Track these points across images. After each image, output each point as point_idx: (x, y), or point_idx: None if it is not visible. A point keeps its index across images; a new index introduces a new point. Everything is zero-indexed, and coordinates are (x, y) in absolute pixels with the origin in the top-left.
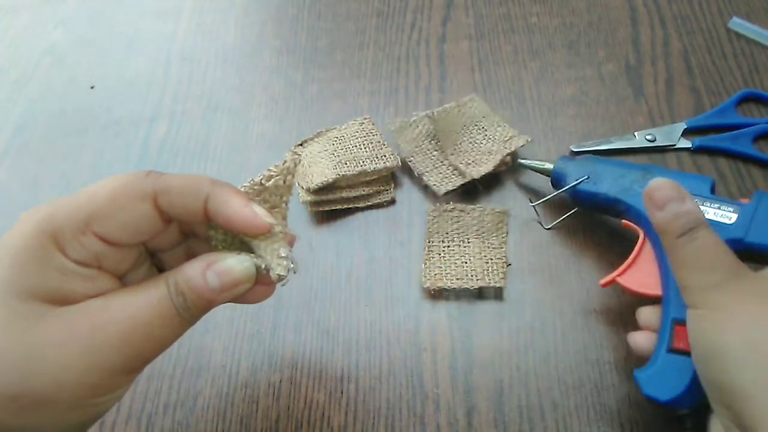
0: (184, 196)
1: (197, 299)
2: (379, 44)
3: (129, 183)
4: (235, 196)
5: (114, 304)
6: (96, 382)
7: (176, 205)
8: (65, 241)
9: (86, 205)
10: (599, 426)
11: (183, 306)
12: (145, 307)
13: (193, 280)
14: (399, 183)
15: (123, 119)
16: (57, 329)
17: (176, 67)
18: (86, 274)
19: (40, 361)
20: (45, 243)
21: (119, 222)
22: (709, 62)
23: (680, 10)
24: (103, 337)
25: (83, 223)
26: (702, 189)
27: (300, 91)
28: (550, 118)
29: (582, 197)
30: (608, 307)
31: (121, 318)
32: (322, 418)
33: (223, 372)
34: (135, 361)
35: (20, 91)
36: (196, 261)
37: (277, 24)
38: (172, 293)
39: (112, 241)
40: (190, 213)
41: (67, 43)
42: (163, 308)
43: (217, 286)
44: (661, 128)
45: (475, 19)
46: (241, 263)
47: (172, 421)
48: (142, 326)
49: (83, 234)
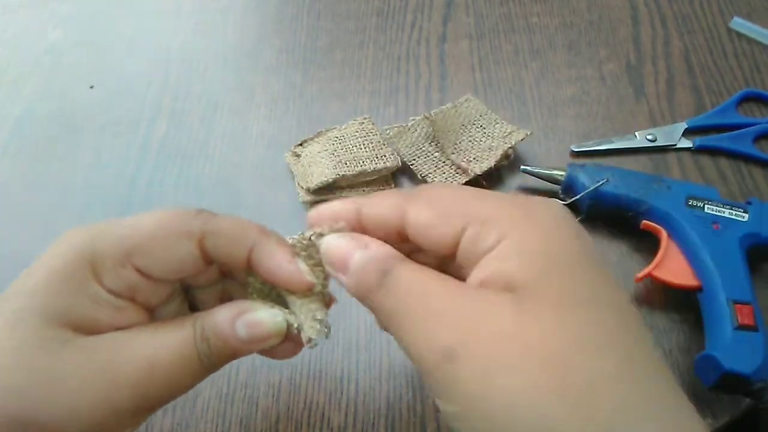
0: (230, 241)
1: (222, 347)
2: (379, 44)
3: (177, 219)
4: (280, 250)
5: (137, 340)
6: (108, 417)
7: (221, 249)
8: (104, 270)
9: (129, 236)
10: None
11: (206, 352)
12: (166, 349)
13: (221, 326)
14: (399, 183)
15: (122, 119)
16: (77, 359)
17: (176, 67)
18: (118, 304)
19: (56, 391)
20: (83, 269)
21: (161, 258)
22: (710, 62)
23: (681, 9)
24: (121, 374)
25: (125, 254)
26: (712, 194)
27: (300, 90)
28: (550, 118)
29: (603, 199)
30: None
31: (140, 357)
32: (321, 418)
33: (222, 372)
34: (147, 403)
35: (19, 90)
36: (226, 307)
37: (276, 24)
38: (197, 338)
39: (150, 276)
40: (233, 259)
41: (66, 43)
42: (185, 352)
43: (245, 337)
44: (662, 128)
45: (476, 19)
46: (273, 317)
47: (171, 421)
48: (160, 368)
49: (123, 266)
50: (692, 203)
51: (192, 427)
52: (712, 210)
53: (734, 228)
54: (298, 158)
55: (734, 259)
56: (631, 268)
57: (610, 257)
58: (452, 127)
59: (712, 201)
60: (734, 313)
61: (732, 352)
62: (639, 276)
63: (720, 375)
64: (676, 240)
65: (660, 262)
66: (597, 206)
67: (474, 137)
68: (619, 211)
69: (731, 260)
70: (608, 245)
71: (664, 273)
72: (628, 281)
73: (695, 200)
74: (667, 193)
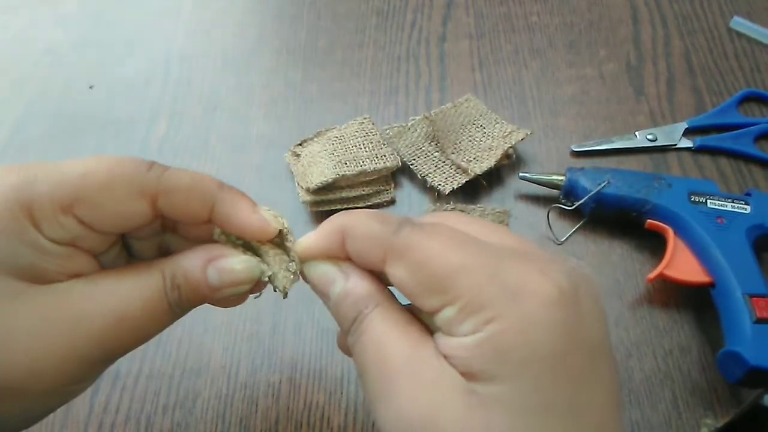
0: (189, 199)
1: (192, 294)
2: (379, 43)
3: (129, 172)
4: (243, 202)
5: (99, 291)
6: (73, 372)
7: (179, 207)
8: (42, 217)
9: (75, 184)
10: None
11: (176, 300)
12: (135, 299)
13: (192, 273)
14: (399, 183)
15: (122, 119)
16: (34, 314)
17: (176, 66)
18: (61, 252)
19: (14, 350)
20: (18, 215)
21: (109, 213)
22: (711, 62)
23: (681, 9)
24: (86, 328)
25: (67, 202)
26: (711, 188)
27: (300, 90)
28: (550, 118)
29: (606, 201)
30: (608, 307)
31: (107, 309)
32: (321, 418)
33: (222, 373)
34: (116, 352)
35: (19, 90)
36: (195, 253)
37: (276, 24)
38: (168, 286)
39: (93, 228)
40: (192, 216)
41: (66, 43)
42: (155, 302)
43: (216, 283)
44: (663, 128)
45: (476, 19)
46: (246, 264)
47: (171, 421)
48: (129, 320)
49: (64, 214)
50: (695, 199)
51: (191, 427)
52: (715, 205)
53: (739, 221)
54: (298, 158)
55: (743, 253)
56: (637, 268)
57: (613, 258)
58: (452, 127)
59: (714, 195)
60: (751, 307)
61: (755, 347)
62: (651, 276)
63: (746, 371)
64: (683, 237)
65: (669, 260)
66: (600, 209)
67: (474, 137)
68: (623, 212)
69: (741, 254)
70: (611, 247)
71: (675, 271)
72: (635, 282)
73: (697, 196)
74: (669, 191)
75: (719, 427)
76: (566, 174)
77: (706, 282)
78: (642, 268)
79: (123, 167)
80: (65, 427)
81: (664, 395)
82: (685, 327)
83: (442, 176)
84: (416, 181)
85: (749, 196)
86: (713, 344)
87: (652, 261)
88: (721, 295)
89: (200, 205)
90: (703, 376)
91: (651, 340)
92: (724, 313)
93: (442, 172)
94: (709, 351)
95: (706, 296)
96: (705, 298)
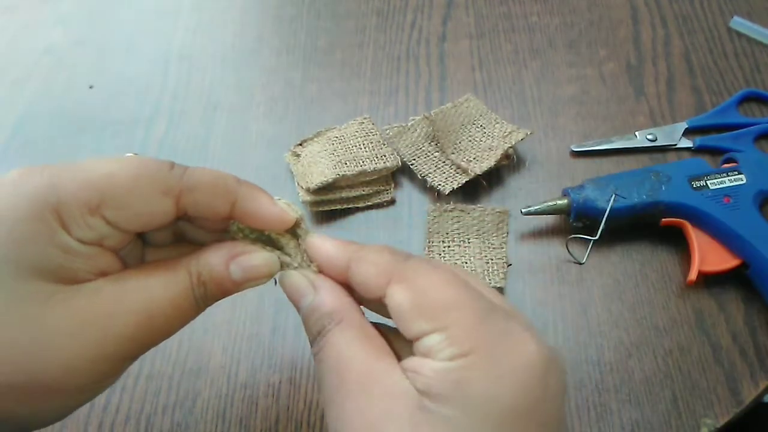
0: (211, 196)
1: (216, 289)
2: (379, 43)
3: (153, 173)
4: (262, 196)
5: (128, 291)
6: (106, 369)
7: (201, 204)
8: (70, 218)
9: (100, 185)
10: (600, 426)
11: (202, 295)
12: (164, 297)
13: (217, 270)
14: (399, 183)
15: (122, 119)
16: (67, 316)
17: (175, 66)
18: (88, 252)
19: (51, 350)
20: (47, 217)
21: (136, 213)
22: (711, 62)
23: (681, 9)
24: (118, 326)
25: (95, 203)
26: (703, 166)
27: (299, 90)
28: (550, 118)
29: (620, 214)
30: (609, 308)
31: (137, 308)
32: (321, 418)
33: (222, 373)
34: (144, 348)
35: (19, 90)
36: (218, 250)
37: (276, 24)
38: (194, 282)
39: (119, 227)
40: (213, 212)
41: (66, 43)
42: (183, 298)
43: (239, 278)
44: (663, 128)
45: (476, 18)
46: (268, 260)
47: (171, 421)
48: (158, 317)
49: (91, 215)
50: (696, 185)
51: (191, 427)
52: (715, 185)
53: (742, 194)
54: (298, 158)
55: (759, 224)
56: (661, 269)
57: (634, 266)
58: (452, 127)
59: (710, 175)
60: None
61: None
62: (692, 277)
63: None
64: (701, 227)
65: (697, 255)
66: (614, 222)
67: (474, 137)
68: (637, 219)
69: (758, 226)
70: (628, 254)
71: (708, 264)
72: (666, 284)
73: (696, 180)
74: (671, 184)
75: (719, 426)
76: (569, 195)
77: (738, 264)
78: (666, 267)
79: (147, 167)
80: (65, 427)
81: (663, 395)
82: (685, 327)
83: (442, 176)
84: (416, 181)
85: (737, 163)
86: (696, 349)
87: (673, 256)
88: (759, 272)
89: (222, 202)
90: (703, 376)
91: (651, 340)
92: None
93: (442, 172)
94: (709, 351)
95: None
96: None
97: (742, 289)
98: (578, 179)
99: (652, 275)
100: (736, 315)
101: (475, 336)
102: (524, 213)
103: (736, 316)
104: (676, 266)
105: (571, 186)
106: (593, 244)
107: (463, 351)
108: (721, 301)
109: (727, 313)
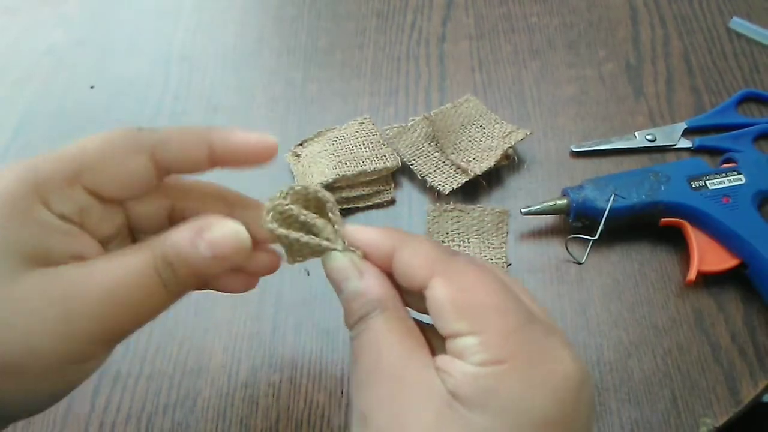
0: (185, 144)
1: (186, 270)
2: (379, 44)
3: (123, 135)
4: (235, 129)
5: (94, 270)
6: (71, 350)
7: (177, 155)
8: (50, 191)
9: (76, 156)
10: (599, 426)
11: (170, 276)
12: (124, 277)
13: (180, 246)
14: (399, 183)
15: (123, 119)
16: (31, 293)
17: (176, 67)
18: (68, 230)
19: (11, 327)
20: (27, 194)
21: (112, 174)
22: (710, 62)
23: (680, 9)
24: (81, 305)
25: (73, 173)
26: (702, 166)
27: (300, 91)
28: (550, 118)
29: (619, 214)
30: (608, 308)
31: (99, 286)
32: (322, 418)
33: (222, 372)
34: (113, 332)
35: (20, 91)
36: (183, 227)
37: (276, 24)
38: (158, 263)
39: (102, 195)
40: (192, 162)
41: (66, 43)
42: (146, 278)
43: (208, 254)
44: (662, 128)
45: (475, 19)
46: (234, 230)
47: (171, 421)
48: (121, 297)
49: (71, 185)
50: (695, 185)
51: (192, 426)
52: (714, 185)
53: (741, 195)
54: (298, 158)
55: (758, 223)
56: (660, 269)
57: (633, 266)
58: (452, 127)
59: (709, 175)
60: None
61: None
62: (690, 277)
63: None
64: (700, 227)
65: (698, 255)
66: (613, 222)
67: (474, 137)
68: (636, 219)
69: (757, 226)
70: (628, 254)
71: (707, 264)
72: (666, 284)
73: (695, 180)
74: (671, 184)
75: (718, 426)
76: (568, 195)
77: (737, 264)
78: (665, 267)
79: (116, 132)
80: (66, 427)
81: (663, 395)
82: (684, 327)
83: (441, 176)
84: (416, 181)
85: (736, 163)
86: (695, 349)
87: (672, 256)
88: (758, 272)
89: (197, 146)
90: (702, 376)
91: (650, 340)
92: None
93: (441, 172)
94: (709, 350)
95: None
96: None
97: (741, 288)
98: (578, 179)
99: (651, 275)
100: (735, 315)
101: (509, 344)
102: (524, 213)
103: (735, 315)
104: (675, 266)
105: (570, 186)
106: (593, 244)
107: (495, 358)
108: (720, 301)
109: (727, 313)
